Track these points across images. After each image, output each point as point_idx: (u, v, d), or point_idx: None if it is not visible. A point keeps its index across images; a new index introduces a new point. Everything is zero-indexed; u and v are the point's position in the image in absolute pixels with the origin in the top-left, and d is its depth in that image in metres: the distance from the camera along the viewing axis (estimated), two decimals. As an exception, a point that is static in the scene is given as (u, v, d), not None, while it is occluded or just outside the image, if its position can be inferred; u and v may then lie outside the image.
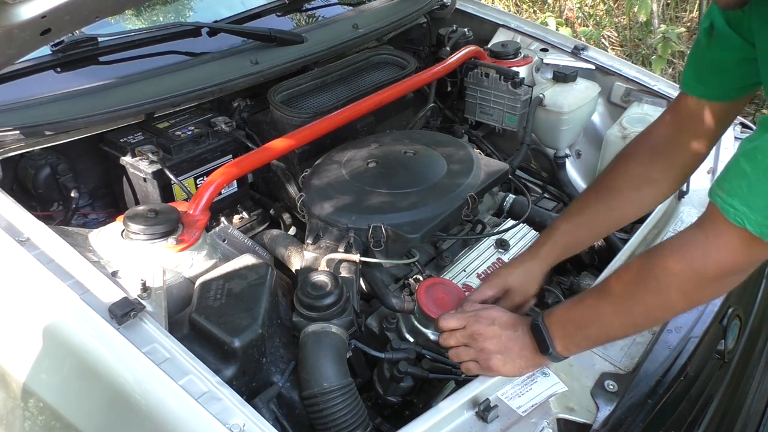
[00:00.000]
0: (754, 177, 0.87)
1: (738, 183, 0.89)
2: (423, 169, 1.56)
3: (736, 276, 0.97)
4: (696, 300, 1.03)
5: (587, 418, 1.09)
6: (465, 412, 1.05)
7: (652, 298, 1.01)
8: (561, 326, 1.09)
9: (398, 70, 2.00)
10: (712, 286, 0.98)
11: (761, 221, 0.87)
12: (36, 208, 1.58)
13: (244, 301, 1.18)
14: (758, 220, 0.87)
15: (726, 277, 0.97)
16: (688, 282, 0.97)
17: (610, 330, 1.08)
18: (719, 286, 1.00)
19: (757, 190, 0.87)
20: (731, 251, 0.92)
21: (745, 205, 0.88)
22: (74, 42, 1.68)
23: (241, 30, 1.92)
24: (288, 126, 1.71)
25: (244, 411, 0.95)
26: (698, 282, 0.97)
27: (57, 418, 1.06)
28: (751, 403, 1.53)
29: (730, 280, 0.98)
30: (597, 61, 2.13)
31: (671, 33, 3.85)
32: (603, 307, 1.06)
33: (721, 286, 1.01)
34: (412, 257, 1.41)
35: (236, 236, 1.49)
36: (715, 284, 0.98)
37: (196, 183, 1.64)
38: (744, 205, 0.88)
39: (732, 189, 0.90)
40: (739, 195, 0.89)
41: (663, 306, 1.02)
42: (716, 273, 0.95)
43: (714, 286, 0.98)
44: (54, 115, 1.48)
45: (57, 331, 1.07)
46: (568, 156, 2.17)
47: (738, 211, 0.88)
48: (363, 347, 1.25)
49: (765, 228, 0.87)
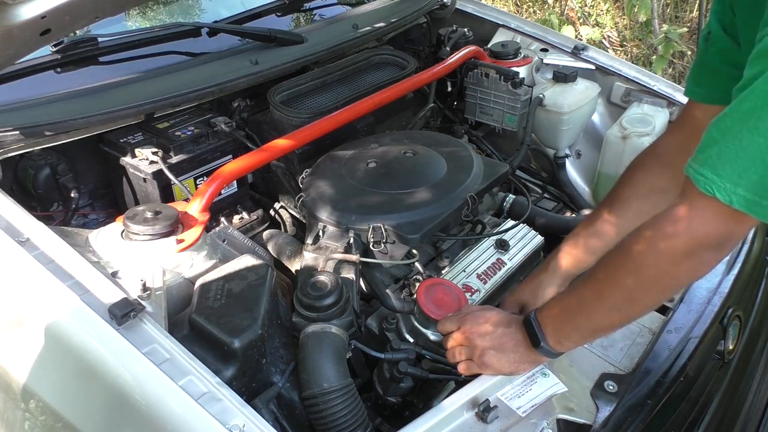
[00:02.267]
0: (722, 144, 0.86)
1: (708, 152, 0.88)
2: (423, 169, 1.56)
3: (712, 252, 0.94)
4: (673, 278, 0.99)
5: (587, 418, 1.09)
6: (465, 413, 1.06)
7: (630, 279, 0.99)
8: (552, 319, 1.08)
9: (398, 70, 2.00)
10: (687, 262, 0.94)
11: (730, 188, 0.85)
12: (36, 209, 1.57)
13: (244, 301, 1.18)
14: (727, 187, 0.85)
15: (701, 252, 0.93)
16: (663, 257, 0.95)
17: (596, 317, 1.06)
18: (696, 262, 0.95)
19: (726, 156, 0.85)
20: (703, 222, 0.90)
21: (714, 173, 0.86)
22: (74, 42, 1.68)
23: (241, 30, 1.93)
24: (288, 126, 1.71)
25: (244, 411, 0.95)
26: (672, 257, 0.94)
27: (57, 418, 1.06)
28: (751, 403, 1.53)
29: (707, 256, 0.94)
30: (597, 61, 2.13)
31: (673, 33, 3.85)
32: (587, 293, 1.06)
33: (698, 264, 0.96)
34: (412, 257, 1.41)
35: (236, 236, 1.49)
36: (690, 260, 0.94)
37: (196, 183, 1.64)
38: (713, 173, 0.86)
39: (703, 159, 0.88)
40: (708, 163, 0.87)
41: (641, 287, 1.00)
42: (690, 247, 0.92)
43: (689, 262, 0.94)
44: (54, 115, 1.48)
45: (57, 332, 1.07)
46: (568, 156, 2.17)
47: (707, 179, 0.87)
48: (363, 348, 1.25)
49: (734, 195, 0.85)
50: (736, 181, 0.85)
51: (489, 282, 1.47)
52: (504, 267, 1.52)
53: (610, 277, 1.02)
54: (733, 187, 0.85)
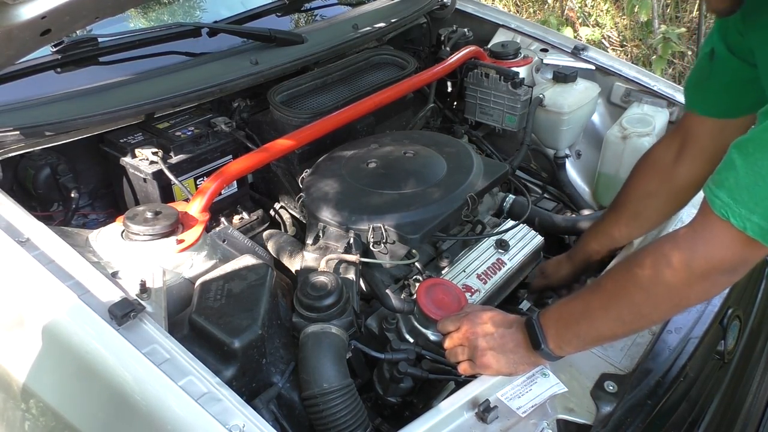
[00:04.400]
0: (742, 170, 0.84)
1: (726, 175, 0.87)
2: (423, 169, 1.56)
3: (725, 276, 0.92)
4: (683, 298, 0.97)
5: (587, 418, 1.09)
6: (465, 413, 1.05)
7: (639, 294, 0.98)
8: (554, 322, 1.08)
9: (398, 70, 2.00)
10: (699, 283, 0.92)
11: (745, 215, 0.84)
12: (36, 209, 1.57)
13: (244, 301, 1.18)
14: (742, 213, 0.84)
15: (714, 275, 0.91)
16: (675, 277, 0.93)
17: (599, 327, 1.05)
18: (708, 284, 0.93)
19: (744, 183, 0.84)
20: (718, 246, 0.88)
21: (731, 198, 0.85)
22: (74, 42, 1.68)
23: (241, 30, 1.92)
24: (288, 126, 1.71)
25: (244, 412, 0.95)
26: (685, 278, 0.92)
27: (57, 418, 1.06)
28: (751, 404, 1.53)
29: (719, 279, 0.93)
30: (597, 62, 2.13)
31: (671, 33, 3.85)
32: (593, 302, 1.05)
33: (710, 286, 0.95)
34: (412, 257, 1.41)
35: (236, 237, 1.49)
36: (702, 282, 0.92)
37: (196, 183, 1.64)
38: (730, 198, 0.85)
39: (720, 180, 0.87)
40: (726, 187, 0.86)
41: (649, 302, 0.98)
42: (703, 269, 0.90)
43: (702, 284, 0.93)
44: (54, 115, 1.47)
45: (57, 332, 1.07)
46: (568, 156, 2.17)
47: (723, 203, 0.86)
48: (363, 348, 1.25)
49: (748, 222, 0.84)
50: (752, 209, 0.83)
51: (489, 282, 1.47)
52: (504, 267, 1.52)
53: (619, 289, 1.01)
54: (749, 213, 0.83)
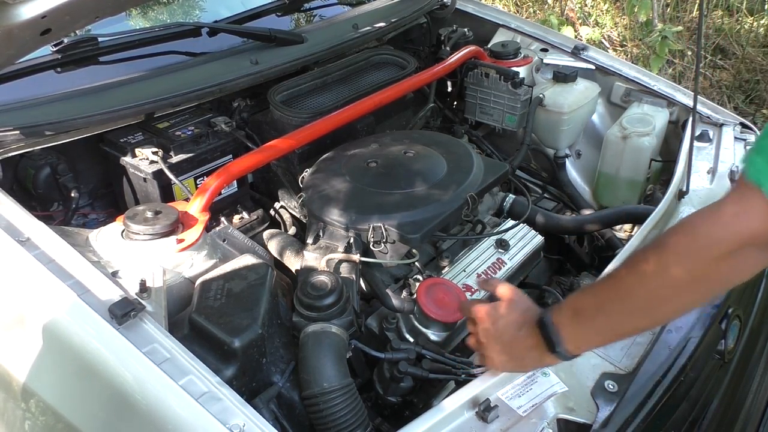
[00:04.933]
0: None
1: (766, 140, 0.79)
2: (423, 169, 1.56)
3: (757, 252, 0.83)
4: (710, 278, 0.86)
5: (587, 418, 1.09)
6: (465, 413, 1.05)
7: (654, 277, 0.88)
8: (569, 320, 0.99)
9: (398, 70, 2.00)
10: (728, 260, 0.83)
11: None
12: (36, 208, 1.57)
13: (244, 301, 1.18)
14: None
15: (745, 251, 0.82)
16: (694, 255, 0.84)
17: (616, 319, 0.95)
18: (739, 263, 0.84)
19: None
20: (749, 216, 0.79)
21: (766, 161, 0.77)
22: (74, 42, 1.67)
23: (241, 30, 1.92)
24: (288, 126, 1.71)
25: (244, 411, 0.95)
26: (713, 252, 0.83)
27: (57, 418, 1.06)
28: (751, 403, 1.53)
29: (751, 257, 0.83)
30: (597, 61, 2.13)
31: (668, 31, 3.85)
32: (608, 293, 0.96)
33: (741, 264, 0.84)
34: (412, 257, 1.41)
35: (236, 236, 1.49)
36: (731, 259, 0.82)
37: (196, 183, 1.64)
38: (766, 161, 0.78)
39: (762, 147, 0.80)
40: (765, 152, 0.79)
41: (666, 285, 0.88)
42: (732, 242, 0.81)
43: (731, 261, 0.83)
44: (54, 115, 1.48)
45: (57, 331, 1.07)
46: (568, 156, 2.17)
47: (757, 169, 0.78)
48: (363, 347, 1.25)
49: None
50: None
51: (489, 282, 1.47)
52: (504, 267, 1.52)
53: (633, 275, 0.91)
54: None
